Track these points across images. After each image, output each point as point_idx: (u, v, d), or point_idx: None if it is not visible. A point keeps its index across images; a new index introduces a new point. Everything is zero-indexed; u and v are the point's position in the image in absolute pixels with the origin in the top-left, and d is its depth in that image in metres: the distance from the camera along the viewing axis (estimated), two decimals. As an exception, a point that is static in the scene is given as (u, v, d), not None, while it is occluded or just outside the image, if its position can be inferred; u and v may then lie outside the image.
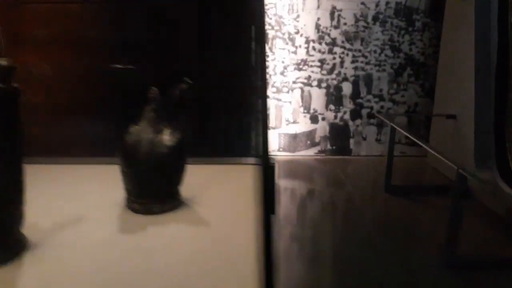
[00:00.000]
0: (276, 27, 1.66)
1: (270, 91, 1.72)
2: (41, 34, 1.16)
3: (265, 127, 0.67)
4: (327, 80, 1.67)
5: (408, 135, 1.39)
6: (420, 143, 1.28)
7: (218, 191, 0.92)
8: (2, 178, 0.63)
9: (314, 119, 1.69)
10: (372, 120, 1.70)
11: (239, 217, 0.80)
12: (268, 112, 1.56)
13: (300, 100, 1.69)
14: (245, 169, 1.23)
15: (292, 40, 1.66)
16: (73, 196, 0.92)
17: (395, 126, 1.37)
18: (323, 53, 1.66)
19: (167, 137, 0.70)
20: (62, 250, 0.69)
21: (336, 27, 1.65)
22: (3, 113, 0.60)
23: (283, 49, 1.67)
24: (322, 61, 1.66)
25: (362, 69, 1.66)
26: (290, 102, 1.70)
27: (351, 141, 1.72)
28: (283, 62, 1.68)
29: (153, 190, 0.73)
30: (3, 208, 0.63)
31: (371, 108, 1.68)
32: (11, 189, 0.64)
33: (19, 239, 0.70)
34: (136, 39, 1.20)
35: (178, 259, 0.69)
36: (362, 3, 1.62)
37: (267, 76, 1.67)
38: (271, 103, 1.76)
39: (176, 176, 0.73)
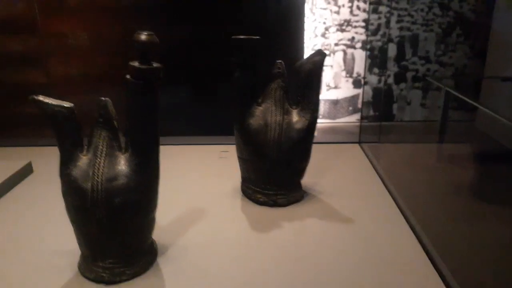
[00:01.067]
0: (318, -14, 1.55)
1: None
2: (74, 1, 1.09)
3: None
4: (371, 41, 1.58)
5: (467, 99, 1.32)
6: (483, 108, 1.21)
7: (333, 176, 0.84)
8: (145, 174, 0.55)
9: (357, 83, 1.61)
10: (417, 84, 1.62)
11: (375, 207, 0.71)
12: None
13: (342, 63, 1.60)
14: (341, 148, 1.14)
15: (335, -1, 1.56)
16: (183, 182, 0.84)
17: (451, 90, 1.30)
18: (368, 12, 1.56)
19: (296, 119, 0.61)
20: (196, 251, 0.62)
21: (382, -16, 1.54)
22: (144, 99, 0.52)
23: (325, 9, 1.57)
24: (366, 21, 1.56)
25: (408, 29, 1.57)
26: (331, 66, 1.61)
27: (394, 106, 1.64)
28: (324, 23, 1.58)
29: (280, 180, 0.65)
30: (147, 211, 0.56)
31: (417, 71, 1.59)
32: (152, 188, 0.57)
33: (152, 244, 0.62)
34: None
35: (331, 259, 0.60)
36: (411, -43, 1.51)
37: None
38: (311, 68, 1.67)
39: (304, 163, 0.65)
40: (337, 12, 1.57)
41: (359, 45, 1.58)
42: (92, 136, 0.57)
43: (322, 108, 1.65)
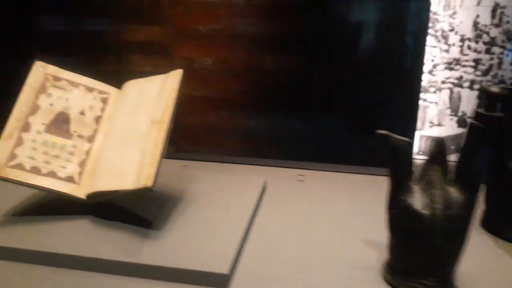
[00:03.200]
0: (429, 24, 1.59)
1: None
2: (203, 28, 1.23)
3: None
4: (480, 81, 1.56)
5: None
6: None
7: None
8: (471, 206, 0.64)
9: (461, 122, 1.59)
10: (528, 128, 1.55)
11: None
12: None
13: (448, 101, 1.60)
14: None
15: (445, 37, 1.57)
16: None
17: None
18: (479, 52, 1.55)
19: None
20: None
21: (497, 25, 1.52)
22: (482, 143, 0.61)
23: (435, 46, 1.59)
24: (477, 61, 1.55)
25: (523, 71, 1.52)
26: (436, 103, 1.62)
27: (501, 148, 1.59)
28: (432, 60, 1.60)
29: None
30: (466, 240, 0.65)
31: (529, 114, 1.53)
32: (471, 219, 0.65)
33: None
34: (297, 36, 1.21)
35: None
36: (531, -1, 1.48)
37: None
38: (415, 103, 1.69)
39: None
40: (447, 51, 1.58)
41: (466, 84, 1.58)
42: (426, 169, 0.66)
43: (424, 144, 1.66)
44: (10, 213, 0.84)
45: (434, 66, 1.60)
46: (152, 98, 0.86)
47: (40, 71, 0.87)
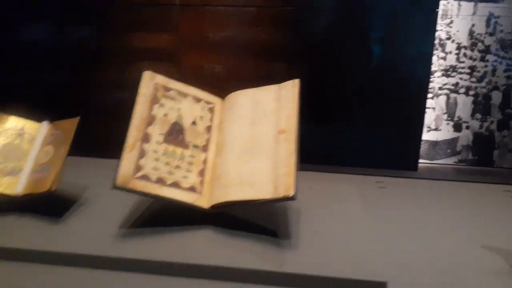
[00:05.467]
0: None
1: (413, 96, 1.71)
2: (213, 36, 1.25)
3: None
4: (475, 88, 1.63)
5: None
6: None
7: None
8: None
9: (457, 127, 1.66)
10: (520, 132, 1.63)
11: None
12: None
13: (444, 106, 1.66)
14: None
15: (442, 46, 1.63)
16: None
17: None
18: (475, 60, 1.61)
19: None
20: None
21: (491, 34, 1.59)
22: None
23: (432, 54, 1.65)
24: (472, 68, 1.62)
25: (515, 78, 1.60)
26: (433, 109, 1.68)
27: (495, 152, 1.66)
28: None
29: None
30: None
31: (521, 119, 1.61)
32: None
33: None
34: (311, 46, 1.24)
35: None
36: (523, 10, 1.55)
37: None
38: (413, 109, 1.74)
39: None
40: (444, 58, 1.64)
41: (462, 90, 1.64)
42: None
43: (422, 148, 1.71)
44: (129, 225, 0.83)
45: (432, 73, 1.66)
46: (270, 109, 0.86)
47: (150, 81, 0.87)
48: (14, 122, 0.92)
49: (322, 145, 1.28)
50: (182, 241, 0.77)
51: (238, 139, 0.85)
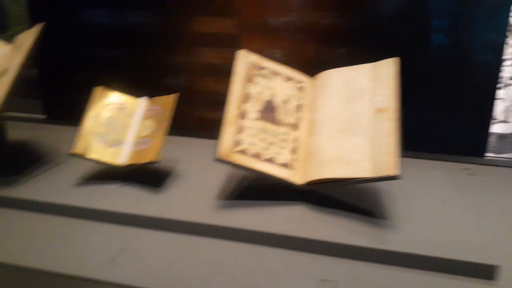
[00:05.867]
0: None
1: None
2: (275, 21, 1.22)
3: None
4: (549, 80, 1.58)
5: None
6: None
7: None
8: None
9: (528, 119, 1.61)
10: None
11: None
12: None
13: (515, 98, 1.62)
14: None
15: (516, 35, 1.59)
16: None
17: None
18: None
19: None
20: None
21: None
22: None
23: (505, 42, 1.60)
24: (547, 59, 1.57)
25: None
26: (503, 99, 1.64)
27: None
28: (501, 57, 1.62)
29: None
30: None
31: None
32: None
33: None
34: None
35: None
36: None
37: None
38: (481, 99, 1.71)
39: None
40: (516, 48, 1.59)
41: (536, 82, 1.59)
42: None
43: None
44: (224, 196, 0.87)
45: (502, 62, 1.62)
46: (364, 87, 0.86)
47: (245, 60, 0.90)
48: (115, 97, 0.97)
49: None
50: (275, 214, 0.81)
51: (333, 117, 0.87)
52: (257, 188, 0.90)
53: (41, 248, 0.74)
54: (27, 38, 0.93)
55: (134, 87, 1.03)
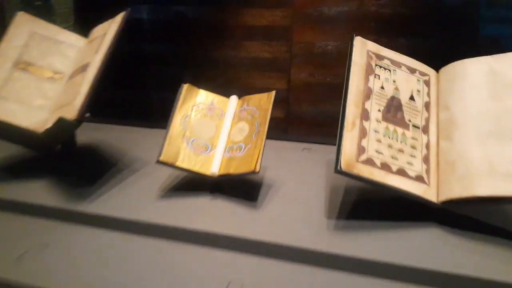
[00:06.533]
0: None
1: None
2: (329, 11, 1.11)
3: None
4: None
5: None
6: None
7: None
8: None
9: None
10: None
11: None
12: None
13: None
14: None
15: None
16: None
17: None
18: None
19: None
20: None
21: None
22: None
23: None
24: None
25: None
26: None
27: None
28: None
29: None
30: None
31: None
32: None
33: None
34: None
35: None
36: None
37: None
38: None
39: None
40: None
41: None
42: None
43: None
44: (334, 215, 0.73)
45: None
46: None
47: (362, 48, 0.75)
48: (204, 96, 0.85)
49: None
50: (404, 239, 0.66)
51: (477, 118, 0.71)
52: (372, 204, 0.76)
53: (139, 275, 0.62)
54: (108, 29, 0.81)
55: (186, 83, 0.93)
